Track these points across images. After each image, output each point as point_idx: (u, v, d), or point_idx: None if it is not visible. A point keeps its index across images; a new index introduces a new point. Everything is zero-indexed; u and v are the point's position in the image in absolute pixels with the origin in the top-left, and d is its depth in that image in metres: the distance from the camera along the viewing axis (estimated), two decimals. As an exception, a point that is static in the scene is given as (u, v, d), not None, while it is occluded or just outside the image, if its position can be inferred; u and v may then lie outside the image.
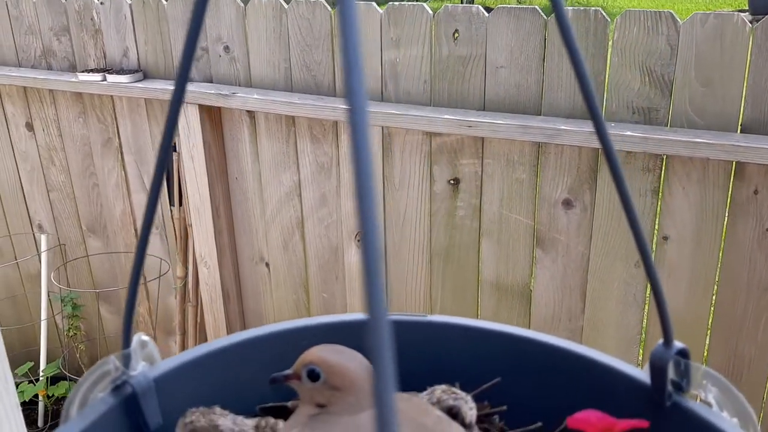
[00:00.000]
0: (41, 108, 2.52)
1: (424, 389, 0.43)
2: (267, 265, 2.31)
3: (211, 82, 2.19)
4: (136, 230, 2.52)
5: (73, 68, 2.40)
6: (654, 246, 1.74)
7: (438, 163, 1.94)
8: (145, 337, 0.38)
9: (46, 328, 2.67)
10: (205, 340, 2.44)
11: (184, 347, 2.45)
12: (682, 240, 1.69)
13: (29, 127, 2.58)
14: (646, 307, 1.81)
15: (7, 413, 0.55)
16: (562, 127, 1.68)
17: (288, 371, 0.39)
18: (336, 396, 0.37)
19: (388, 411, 0.16)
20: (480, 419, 0.45)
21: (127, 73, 2.25)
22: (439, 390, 0.43)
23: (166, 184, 2.31)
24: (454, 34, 1.82)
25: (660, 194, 1.68)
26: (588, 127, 1.66)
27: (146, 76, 2.29)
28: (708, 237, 1.66)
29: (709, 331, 1.75)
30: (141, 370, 0.38)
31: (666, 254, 1.72)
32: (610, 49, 1.66)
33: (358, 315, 0.44)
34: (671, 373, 0.39)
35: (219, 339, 0.40)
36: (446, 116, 1.81)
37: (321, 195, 2.13)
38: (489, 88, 1.82)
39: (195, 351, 0.41)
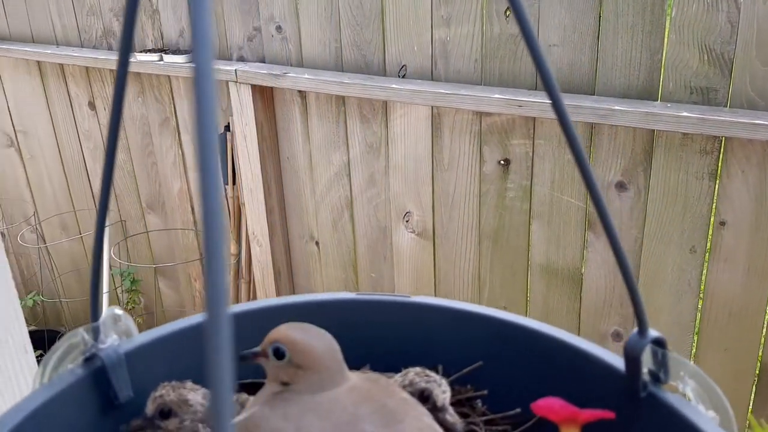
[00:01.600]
0: (102, 87, 2.59)
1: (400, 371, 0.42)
2: (317, 243, 2.33)
3: (264, 62, 2.21)
4: (192, 207, 2.58)
5: (132, 48, 2.46)
6: (710, 231, 1.67)
7: (488, 144, 1.91)
8: (119, 311, 0.39)
9: (107, 301, 2.76)
10: (257, 316, 2.48)
11: (237, 323, 2.50)
12: (739, 225, 1.62)
13: (92, 106, 2.66)
14: (701, 294, 1.75)
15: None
16: (616, 108, 1.62)
17: (256, 348, 0.39)
18: (299, 374, 0.37)
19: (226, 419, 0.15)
20: (461, 403, 0.44)
21: (183, 53, 2.29)
22: (413, 372, 0.42)
23: (220, 162, 2.35)
24: (505, 11, 1.78)
25: (718, 178, 1.62)
26: (643, 107, 1.60)
27: (202, 56, 2.32)
28: (767, 222, 1.59)
29: (767, 320, 1.68)
30: (110, 343, 0.38)
31: (723, 240, 1.65)
32: (667, 27, 1.59)
33: (337, 294, 0.44)
34: (649, 363, 0.37)
35: (195, 315, 0.41)
36: (497, 95, 1.78)
37: (370, 175, 2.13)
38: (541, 66, 1.78)
39: (170, 326, 0.41)
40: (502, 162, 1.91)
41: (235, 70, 2.14)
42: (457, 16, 1.84)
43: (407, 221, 2.13)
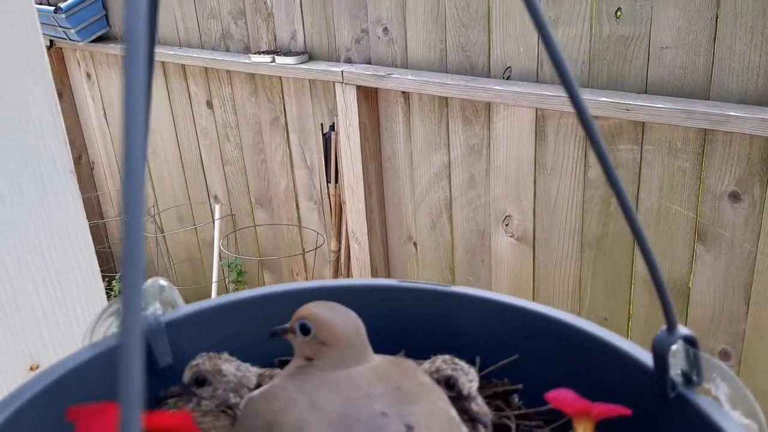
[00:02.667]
0: (219, 87, 2.72)
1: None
2: (414, 244, 2.34)
3: (370, 63, 2.24)
4: (297, 204, 2.66)
5: (247, 50, 2.56)
6: (836, 248, 1.54)
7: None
8: (164, 282, 0.41)
9: (216, 290, 2.89)
10: (355, 313, 2.52)
11: (335, 319, 2.55)
12: None
13: (209, 105, 2.79)
14: (823, 316, 1.62)
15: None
16: (732, 114, 1.53)
17: (286, 325, 0.39)
18: (322, 350, 0.37)
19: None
20: (496, 396, 0.43)
21: (294, 55, 2.36)
22: (440, 359, 0.42)
23: (324, 161, 2.41)
24: (616, 12, 1.72)
25: None
26: (762, 114, 1.50)
27: (311, 58, 2.39)
28: None
29: None
30: (152, 311, 0.40)
31: None
32: (793, 26, 1.48)
33: (379, 280, 0.44)
34: (681, 363, 0.35)
35: (240, 292, 0.42)
36: (603, 98, 1.72)
37: (470, 177, 2.12)
38: (652, 69, 1.70)
39: (213, 300, 0.43)
40: (607, 168, 1.84)
41: (342, 71, 2.19)
42: (566, 17, 1.80)
43: (507, 225, 2.10)
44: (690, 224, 1.75)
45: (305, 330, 0.38)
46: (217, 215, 2.85)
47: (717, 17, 1.57)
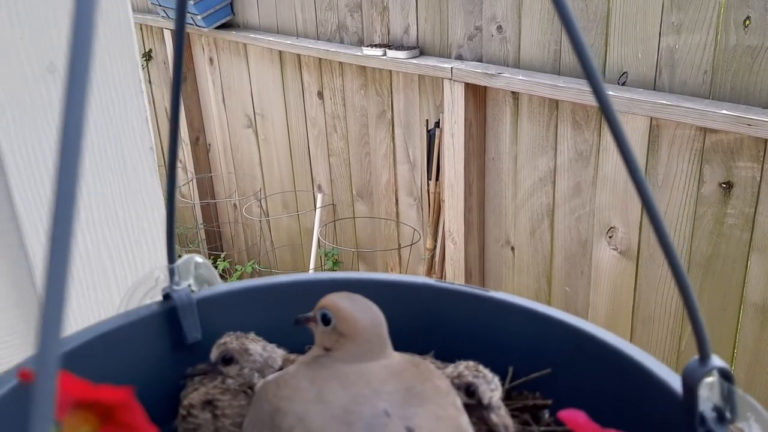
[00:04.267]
0: (331, 79, 2.76)
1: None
2: (512, 248, 2.29)
3: (481, 61, 2.21)
4: (397, 199, 2.66)
5: (360, 43, 2.59)
6: None
7: (710, 163, 1.74)
8: (199, 259, 0.41)
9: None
10: (446, 313, 2.50)
11: (426, 316, 2.54)
12: None
13: (320, 95, 2.85)
14: None
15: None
16: None
17: (309, 313, 0.39)
18: (340, 342, 0.36)
19: None
20: (525, 409, 0.40)
21: (405, 49, 2.36)
22: (463, 365, 0.39)
23: (427, 157, 2.40)
24: (745, 21, 1.61)
25: None
26: None
27: (422, 53, 2.38)
28: None
29: None
30: (184, 287, 0.40)
31: None
32: None
33: (417, 278, 0.42)
34: (715, 398, 0.31)
35: (274, 276, 0.42)
36: (724, 111, 1.61)
37: (575, 184, 2.04)
38: (782, 82, 1.58)
39: (244, 282, 0.43)
40: (723, 185, 1.73)
41: (452, 67, 2.17)
42: (690, 24, 1.70)
43: (610, 237, 2.01)
44: (813, 252, 1.61)
45: (326, 320, 0.37)
46: (319, 204, 2.91)
47: None
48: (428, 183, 2.42)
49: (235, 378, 0.40)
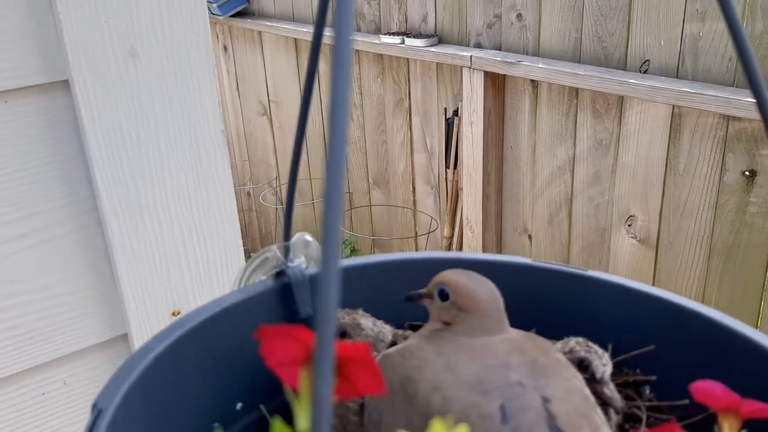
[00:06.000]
0: (347, 66, 2.76)
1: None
2: (529, 236, 2.29)
3: (500, 49, 2.21)
4: (414, 187, 2.67)
5: (377, 31, 2.59)
6: None
7: (733, 151, 1.74)
8: (309, 238, 0.42)
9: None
10: (463, 301, 2.51)
11: (442, 304, 2.55)
12: None
13: (336, 83, 2.85)
14: None
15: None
16: None
17: (423, 290, 0.40)
18: (461, 316, 0.37)
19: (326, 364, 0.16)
20: (627, 385, 0.41)
21: (423, 38, 2.36)
22: (574, 341, 0.40)
23: (445, 146, 2.40)
24: (772, 6, 1.61)
25: None
26: None
27: (440, 41, 2.38)
28: None
29: None
30: (298, 263, 0.41)
31: None
32: None
33: (513, 258, 0.43)
34: None
35: (379, 255, 0.42)
36: (749, 99, 1.61)
37: (594, 172, 2.05)
38: (808, 70, 1.58)
39: (352, 260, 0.44)
40: (747, 173, 1.73)
41: (471, 56, 2.17)
42: (714, 10, 1.69)
43: (629, 225, 2.02)
44: (836, 240, 1.61)
45: (444, 296, 0.38)
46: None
47: None
48: (446, 171, 2.42)
49: None
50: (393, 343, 0.41)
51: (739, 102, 1.62)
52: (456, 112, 2.35)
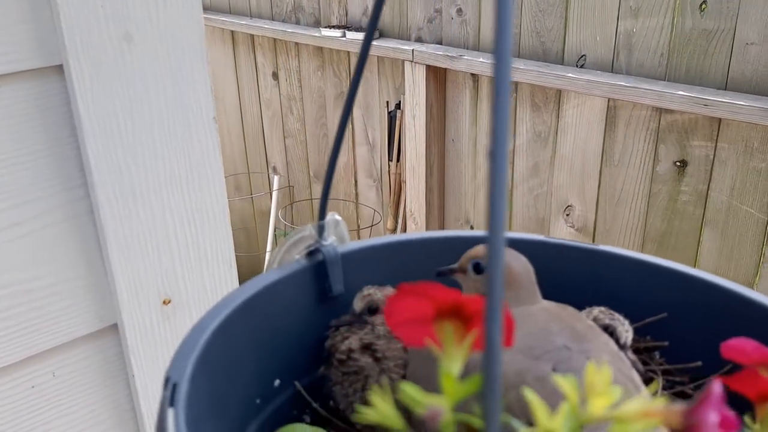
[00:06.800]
0: (287, 60, 2.75)
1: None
2: (471, 227, 2.34)
3: (441, 43, 2.24)
4: (356, 180, 2.68)
5: (317, 24, 2.58)
6: None
7: (665, 142, 1.83)
8: (338, 218, 0.43)
9: (269, 259, 2.94)
10: (406, 292, 2.54)
11: (385, 296, 2.58)
12: None
13: (275, 76, 2.83)
14: None
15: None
16: (817, 114, 1.50)
17: (454, 265, 0.41)
18: None
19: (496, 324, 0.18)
20: (638, 351, 0.44)
21: (364, 31, 2.37)
22: (597, 310, 0.43)
23: (387, 139, 2.42)
24: (701, 5, 1.69)
25: None
26: None
27: (381, 35, 2.40)
28: None
29: None
30: (330, 242, 0.42)
31: None
32: None
33: (527, 234, 0.45)
34: None
35: (407, 233, 0.44)
36: (681, 92, 1.70)
37: (534, 164, 2.11)
38: (734, 66, 1.67)
39: (378, 239, 0.45)
40: (678, 163, 1.82)
41: (413, 50, 2.19)
42: (647, 8, 1.77)
43: (567, 215, 2.09)
44: (760, 226, 1.72)
45: (479, 269, 0.39)
46: (275, 186, 2.89)
47: (809, 15, 1.54)
48: (389, 164, 2.44)
49: (381, 326, 0.42)
50: None
51: (671, 95, 1.70)
52: (398, 106, 2.37)
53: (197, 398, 0.27)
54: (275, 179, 2.91)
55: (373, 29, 0.34)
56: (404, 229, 2.46)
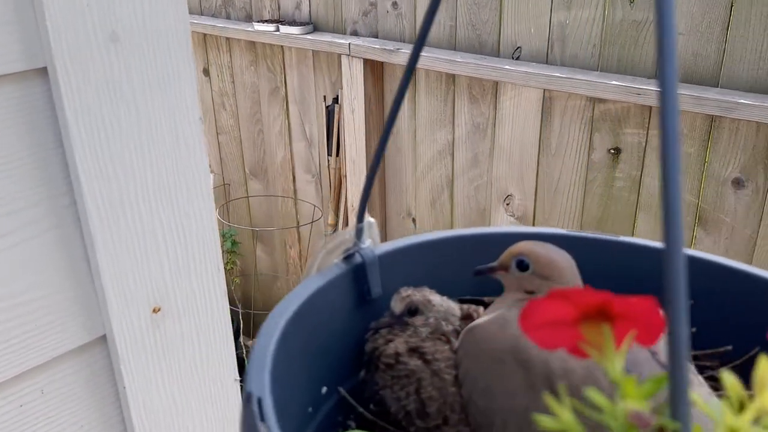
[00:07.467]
0: (218, 55, 2.69)
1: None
2: (413, 220, 2.36)
3: (377, 37, 2.24)
4: (294, 176, 2.66)
5: (249, 18, 2.54)
6: (833, 235, 1.61)
7: (599, 131, 1.89)
8: (372, 220, 0.43)
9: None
10: (349, 286, 2.54)
11: (328, 291, 2.57)
12: None
13: (206, 72, 2.76)
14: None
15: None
16: (742, 101, 1.58)
17: (493, 264, 0.42)
18: (544, 284, 0.40)
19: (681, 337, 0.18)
20: None
21: (298, 25, 2.35)
22: None
23: (326, 134, 2.41)
24: (630, -3, 1.75)
25: None
26: (771, 102, 1.55)
27: (316, 29, 2.38)
28: None
29: None
30: (368, 245, 0.42)
31: None
32: (806, 19, 1.53)
33: (549, 229, 0.46)
34: None
35: (428, 233, 0.44)
36: (614, 82, 1.76)
37: (473, 156, 2.14)
38: (663, 55, 1.74)
39: (410, 239, 0.45)
40: (612, 151, 1.88)
41: (349, 43, 2.19)
42: (579, 0, 1.82)
43: (507, 204, 2.13)
44: (691, 209, 1.80)
45: (523, 266, 0.40)
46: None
47: (732, 5, 1.61)
48: (328, 159, 2.43)
49: (423, 327, 0.42)
50: (467, 316, 0.43)
51: (605, 85, 1.76)
52: (336, 100, 2.36)
53: (273, 412, 0.26)
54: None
55: (422, 43, 0.34)
56: (346, 224, 2.46)
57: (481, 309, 0.43)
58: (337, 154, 2.39)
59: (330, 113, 2.37)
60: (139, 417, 0.57)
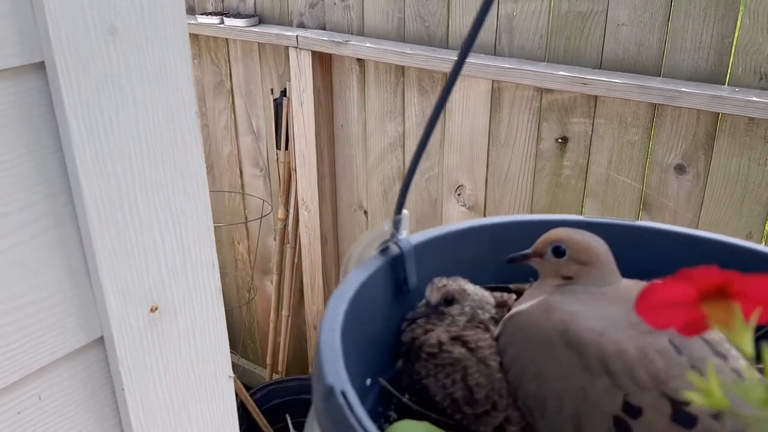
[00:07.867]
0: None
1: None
2: (365, 212, 2.37)
3: (324, 29, 2.24)
4: (241, 171, 2.62)
5: (191, 11, 2.49)
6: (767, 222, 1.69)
7: (547, 121, 1.93)
8: (405, 211, 0.43)
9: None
10: (301, 281, 2.53)
11: (280, 287, 2.55)
12: (801, 212, 1.64)
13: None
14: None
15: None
16: (683, 90, 1.64)
17: (527, 251, 0.42)
18: (582, 270, 0.41)
19: None
20: None
21: (243, 17, 2.31)
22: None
23: (275, 127, 2.39)
24: (575, -11, 1.80)
25: (782, 164, 1.64)
26: (710, 90, 1.62)
27: (261, 21, 2.35)
28: (829, 211, 1.61)
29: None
30: (405, 236, 0.42)
31: (782, 226, 1.67)
32: (741, 11, 1.60)
33: (567, 216, 0.47)
34: None
35: (457, 223, 0.44)
36: (561, 72, 1.80)
37: (425, 146, 2.16)
38: (608, 46, 1.79)
39: (440, 229, 0.45)
40: (559, 140, 1.93)
41: (297, 36, 2.17)
42: (526, -8, 1.86)
43: (459, 195, 2.16)
44: (636, 195, 1.86)
45: (559, 252, 0.41)
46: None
47: (672, -1, 1.68)
48: (277, 153, 2.41)
49: (460, 316, 0.42)
50: (501, 304, 0.43)
51: (552, 75, 1.80)
52: (284, 93, 2.34)
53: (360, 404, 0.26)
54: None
55: (469, 48, 0.34)
56: (296, 218, 2.44)
57: (513, 296, 0.44)
58: (286, 148, 2.37)
59: (278, 106, 2.35)
60: (137, 418, 0.56)
